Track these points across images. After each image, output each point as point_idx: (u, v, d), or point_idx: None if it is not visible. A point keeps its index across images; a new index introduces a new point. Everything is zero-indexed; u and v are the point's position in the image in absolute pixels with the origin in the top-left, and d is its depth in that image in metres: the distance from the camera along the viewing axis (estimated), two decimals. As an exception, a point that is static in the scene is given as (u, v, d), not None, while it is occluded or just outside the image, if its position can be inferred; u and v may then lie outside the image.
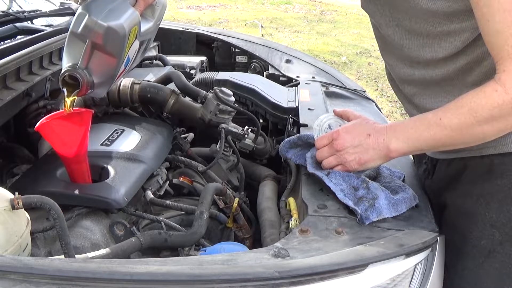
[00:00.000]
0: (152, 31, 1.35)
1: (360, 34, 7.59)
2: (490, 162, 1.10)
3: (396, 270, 0.96)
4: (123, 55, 1.17)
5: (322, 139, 1.19)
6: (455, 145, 1.06)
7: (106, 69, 1.17)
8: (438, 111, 1.03)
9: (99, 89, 1.21)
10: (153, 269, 0.83)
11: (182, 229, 1.22)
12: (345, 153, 1.13)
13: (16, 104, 1.37)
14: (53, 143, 1.17)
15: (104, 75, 1.18)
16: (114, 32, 1.11)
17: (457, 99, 1.01)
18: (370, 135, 1.10)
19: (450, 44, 1.05)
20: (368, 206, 1.07)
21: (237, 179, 1.60)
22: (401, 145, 1.07)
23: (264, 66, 2.32)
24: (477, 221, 1.10)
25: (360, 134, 1.11)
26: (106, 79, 1.20)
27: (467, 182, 1.14)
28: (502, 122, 0.96)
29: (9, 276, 0.78)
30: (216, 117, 1.57)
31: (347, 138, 1.12)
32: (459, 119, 0.99)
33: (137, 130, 1.46)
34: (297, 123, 1.61)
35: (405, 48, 1.11)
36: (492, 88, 0.95)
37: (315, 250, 0.95)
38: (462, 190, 1.15)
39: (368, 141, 1.10)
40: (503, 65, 0.93)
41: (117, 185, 1.19)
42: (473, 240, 1.11)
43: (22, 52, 1.37)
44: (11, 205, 0.93)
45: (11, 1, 1.93)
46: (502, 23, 0.91)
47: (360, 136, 1.11)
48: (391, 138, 1.07)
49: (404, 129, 1.07)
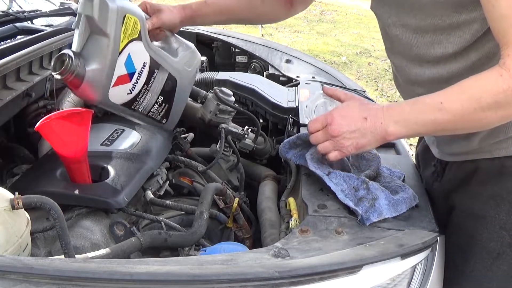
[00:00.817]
0: (170, 66, 1.34)
1: (360, 34, 7.58)
2: (501, 164, 1.09)
3: (396, 270, 0.96)
4: (117, 36, 1.19)
5: (315, 123, 1.13)
6: (455, 131, 1.04)
7: (99, 51, 1.19)
8: (438, 95, 1.00)
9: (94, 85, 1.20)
10: (153, 269, 0.83)
11: (182, 229, 1.22)
12: (341, 138, 1.08)
13: (16, 104, 1.37)
14: (53, 143, 1.17)
15: (98, 60, 1.19)
16: (105, 4, 1.17)
17: (459, 83, 0.98)
18: (367, 119, 1.05)
19: (459, 38, 1.02)
20: (369, 206, 1.07)
21: (237, 179, 1.60)
22: (399, 129, 1.04)
23: (264, 66, 2.32)
24: (487, 223, 1.09)
25: (356, 118, 1.06)
26: (100, 68, 1.19)
27: (477, 183, 1.12)
28: (506, 108, 0.94)
29: (9, 276, 0.78)
30: (216, 117, 1.57)
31: (343, 123, 1.07)
32: (461, 105, 0.96)
33: (137, 130, 1.46)
34: (297, 123, 1.61)
35: (414, 47, 1.09)
36: (497, 73, 0.92)
37: (315, 250, 0.95)
38: (472, 192, 1.13)
39: (365, 125, 1.05)
40: (508, 50, 0.92)
41: (117, 185, 1.20)
42: (482, 242, 1.10)
43: (22, 52, 1.37)
44: (11, 205, 0.93)
45: (11, 1, 1.94)
46: (507, 8, 0.90)
47: (356, 121, 1.06)
48: (389, 122, 1.04)
49: (402, 112, 1.04)
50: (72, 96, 1.53)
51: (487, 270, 1.10)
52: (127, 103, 1.29)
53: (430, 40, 1.06)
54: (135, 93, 1.28)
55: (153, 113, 1.36)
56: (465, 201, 1.14)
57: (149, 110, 1.34)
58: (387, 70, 5.78)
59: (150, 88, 1.31)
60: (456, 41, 1.03)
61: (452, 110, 0.97)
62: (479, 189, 1.12)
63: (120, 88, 1.25)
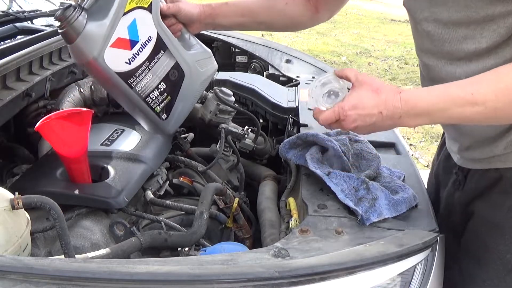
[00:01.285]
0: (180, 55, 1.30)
1: (360, 34, 7.58)
2: None
3: (396, 270, 0.95)
4: None
5: (326, 118, 1.06)
6: (483, 123, 0.98)
7: (104, 7, 1.17)
8: (469, 84, 0.92)
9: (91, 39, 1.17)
10: (153, 269, 0.83)
11: (182, 229, 1.22)
12: (356, 130, 1.04)
13: (16, 104, 1.37)
14: (53, 143, 1.17)
15: (101, 16, 1.17)
16: None
17: (491, 72, 0.91)
18: (382, 113, 0.99)
19: (493, 32, 0.96)
20: (369, 206, 1.07)
21: (237, 179, 1.60)
22: (419, 122, 0.98)
23: (264, 66, 2.31)
24: (505, 234, 1.06)
25: (371, 113, 1.00)
26: (101, 23, 1.18)
27: (500, 193, 1.08)
28: None
29: (9, 276, 0.78)
30: (216, 117, 1.57)
31: (358, 120, 1.01)
32: (496, 96, 0.88)
33: (137, 130, 1.46)
34: (297, 123, 1.61)
35: (446, 43, 1.03)
36: None
37: (315, 250, 0.95)
38: (493, 201, 1.08)
39: (381, 118, 0.99)
40: None
41: (117, 185, 1.20)
42: (498, 252, 1.07)
43: (22, 52, 1.37)
44: (11, 205, 0.93)
45: (11, 1, 1.94)
46: None
47: (371, 117, 1.00)
48: (409, 116, 0.97)
49: (425, 105, 0.96)
50: (72, 96, 1.52)
51: (500, 281, 1.08)
52: (123, 73, 1.23)
53: (462, 35, 1.00)
54: (134, 66, 1.23)
55: (152, 100, 1.29)
56: (485, 210, 1.10)
57: (147, 94, 1.28)
58: (387, 70, 5.79)
59: (152, 68, 1.26)
60: (490, 35, 0.97)
61: (484, 102, 0.90)
62: (501, 199, 1.07)
63: (118, 52, 1.21)
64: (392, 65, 6.05)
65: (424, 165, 3.60)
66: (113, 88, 1.28)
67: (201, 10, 1.34)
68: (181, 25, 1.34)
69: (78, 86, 1.55)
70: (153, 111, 1.31)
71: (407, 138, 4.02)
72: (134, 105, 1.31)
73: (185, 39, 1.35)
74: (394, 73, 5.72)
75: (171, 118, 1.35)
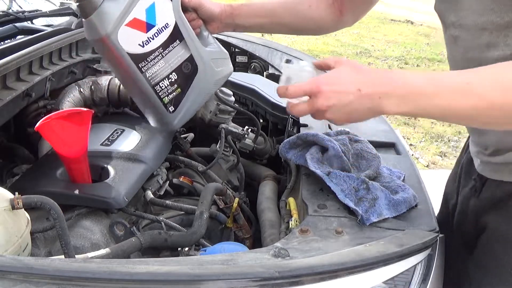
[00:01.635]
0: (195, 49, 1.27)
1: (360, 34, 7.59)
2: None
3: (396, 270, 0.95)
4: None
5: (297, 89, 0.96)
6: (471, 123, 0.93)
7: None
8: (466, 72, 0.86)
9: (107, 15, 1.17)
10: (153, 269, 0.83)
11: (182, 229, 1.22)
12: (330, 113, 0.94)
13: (16, 104, 1.37)
14: (53, 143, 1.17)
15: None
16: None
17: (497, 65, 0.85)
18: (361, 90, 0.89)
19: None
20: (369, 206, 1.07)
21: (237, 179, 1.60)
22: (402, 108, 0.89)
23: (264, 66, 2.31)
24: None
25: (348, 90, 0.90)
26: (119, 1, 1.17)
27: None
28: None
29: (9, 276, 0.78)
30: (216, 117, 1.57)
31: (332, 98, 0.91)
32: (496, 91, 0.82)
33: (137, 130, 1.46)
34: (297, 123, 1.61)
35: (470, 50, 0.99)
36: None
37: (315, 250, 0.95)
38: (508, 215, 1.05)
39: (358, 97, 0.89)
40: None
41: (117, 185, 1.19)
42: (510, 265, 1.04)
43: (22, 52, 1.37)
44: (11, 205, 0.93)
45: (11, 1, 1.94)
46: None
47: (347, 94, 0.90)
48: (390, 98, 0.88)
49: (410, 86, 0.88)
50: (72, 96, 1.52)
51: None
52: (135, 55, 1.21)
53: (486, 42, 0.95)
54: (148, 50, 1.22)
55: (162, 89, 1.27)
56: (499, 223, 1.06)
57: (157, 82, 1.25)
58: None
59: (166, 56, 1.24)
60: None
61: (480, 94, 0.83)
62: None
63: (133, 32, 1.20)
64: (392, 65, 6.06)
65: (424, 165, 3.60)
66: (122, 71, 1.26)
67: (222, 9, 1.32)
68: (201, 22, 1.32)
69: (78, 86, 1.55)
70: (161, 100, 1.29)
71: (407, 138, 4.02)
72: (141, 92, 1.28)
73: (204, 36, 1.33)
74: (394, 73, 5.71)
75: (178, 112, 1.32)
